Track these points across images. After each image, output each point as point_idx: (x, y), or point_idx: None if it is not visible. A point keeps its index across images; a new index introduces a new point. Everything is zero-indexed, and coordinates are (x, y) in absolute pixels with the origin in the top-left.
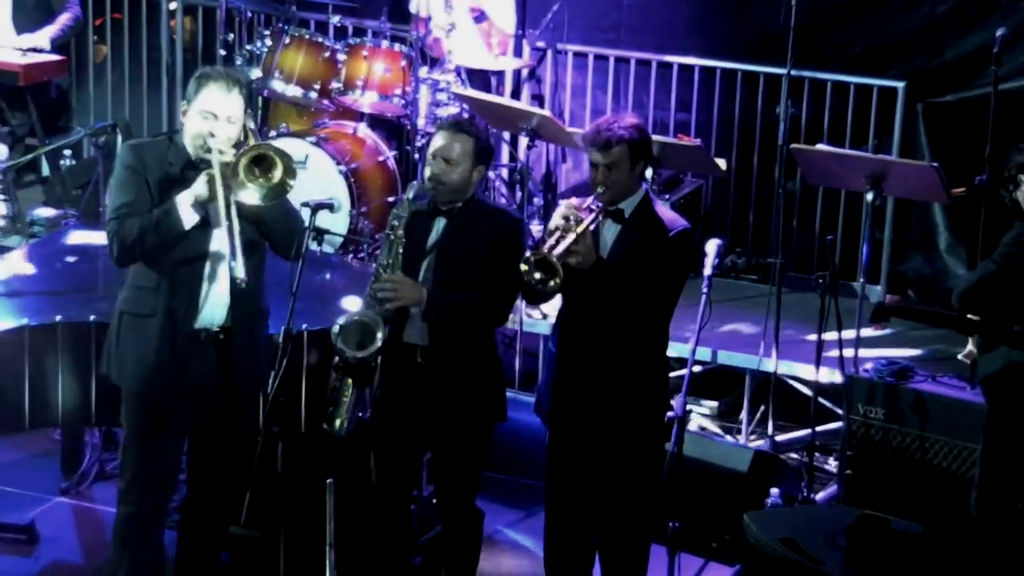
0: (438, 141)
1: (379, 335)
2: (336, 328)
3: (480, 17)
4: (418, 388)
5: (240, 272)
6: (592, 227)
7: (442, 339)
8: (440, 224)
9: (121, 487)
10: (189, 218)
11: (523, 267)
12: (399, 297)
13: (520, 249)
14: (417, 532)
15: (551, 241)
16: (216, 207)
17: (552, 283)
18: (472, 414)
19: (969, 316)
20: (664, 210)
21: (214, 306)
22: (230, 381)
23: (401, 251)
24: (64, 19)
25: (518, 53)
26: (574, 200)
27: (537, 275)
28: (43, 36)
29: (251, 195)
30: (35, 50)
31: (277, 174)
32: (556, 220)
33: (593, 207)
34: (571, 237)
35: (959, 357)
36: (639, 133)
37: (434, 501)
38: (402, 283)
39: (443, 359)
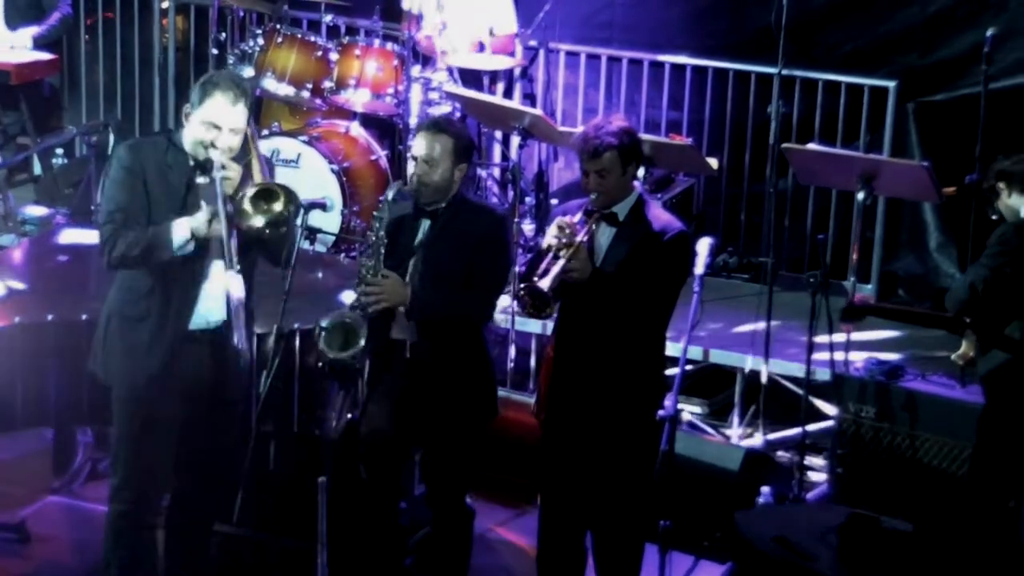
0: (418, 143)
1: (361, 337)
2: (318, 328)
3: (482, 47)
4: (408, 384)
5: (235, 264)
6: (586, 238)
7: (430, 334)
8: (425, 224)
9: (113, 485)
10: (180, 240)
11: (518, 295)
12: (384, 299)
13: (504, 245)
14: (408, 531)
15: (543, 265)
16: (215, 210)
17: (546, 311)
18: (463, 412)
19: (938, 313)
20: (659, 212)
21: (208, 305)
22: (221, 380)
23: (383, 252)
24: (51, 18)
25: (510, 52)
26: (567, 218)
27: (530, 306)
28: (25, 34)
29: (253, 222)
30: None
31: (278, 206)
32: (549, 238)
33: (584, 222)
34: (561, 263)
35: (952, 358)
36: (628, 137)
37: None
38: (386, 284)
39: (432, 354)
